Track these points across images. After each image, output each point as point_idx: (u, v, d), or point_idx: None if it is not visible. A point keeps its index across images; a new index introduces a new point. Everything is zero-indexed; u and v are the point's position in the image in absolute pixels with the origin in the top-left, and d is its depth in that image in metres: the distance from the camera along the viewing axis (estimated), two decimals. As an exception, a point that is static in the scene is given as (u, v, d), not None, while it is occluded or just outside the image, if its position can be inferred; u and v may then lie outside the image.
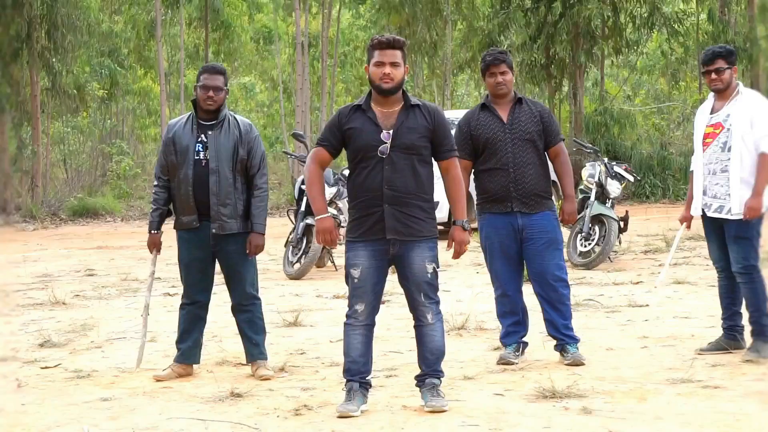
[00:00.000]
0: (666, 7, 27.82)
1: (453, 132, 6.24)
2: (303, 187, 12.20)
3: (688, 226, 7.32)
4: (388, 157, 5.52)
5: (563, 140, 6.98)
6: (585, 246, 12.07)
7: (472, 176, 6.96)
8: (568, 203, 6.88)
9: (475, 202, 7.04)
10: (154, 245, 6.86)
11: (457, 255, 5.75)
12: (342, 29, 35.07)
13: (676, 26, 26.59)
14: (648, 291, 9.92)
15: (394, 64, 5.58)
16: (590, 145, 13.34)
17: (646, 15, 25.96)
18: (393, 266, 5.70)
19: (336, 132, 5.67)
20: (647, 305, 9.08)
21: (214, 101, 6.57)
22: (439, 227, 5.87)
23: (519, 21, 24.14)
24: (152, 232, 6.82)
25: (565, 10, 23.12)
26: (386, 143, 5.53)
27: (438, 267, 5.68)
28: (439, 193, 5.73)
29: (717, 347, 6.86)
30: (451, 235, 5.71)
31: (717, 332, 7.07)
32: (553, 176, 6.99)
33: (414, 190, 5.56)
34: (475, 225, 7.17)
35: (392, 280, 5.91)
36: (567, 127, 26.70)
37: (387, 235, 5.53)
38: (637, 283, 10.60)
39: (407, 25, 29.33)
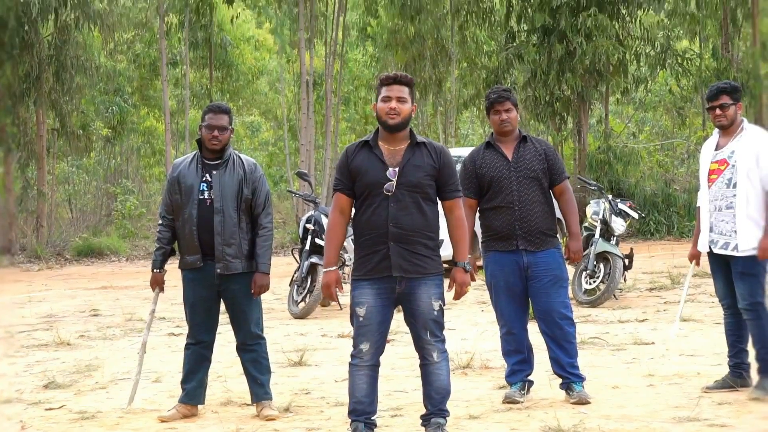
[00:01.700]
0: (673, 44, 28.07)
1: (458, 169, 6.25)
2: (308, 225, 12.21)
3: (698, 263, 7.32)
4: (394, 194, 5.54)
5: (568, 178, 6.99)
6: (590, 283, 12.05)
7: (477, 214, 6.97)
8: (573, 241, 6.90)
9: (480, 240, 7.04)
10: (157, 284, 6.88)
11: (458, 296, 5.77)
12: (350, 67, 35.26)
13: (685, 64, 26.77)
14: (653, 329, 9.88)
15: (400, 100, 5.61)
16: (594, 183, 13.35)
17: (653, 53, 26.12)
18: (399, 306, 5.70)
19: (345, 171, 5.69)
20: (653, 343, 9.06)
21: (218, 141, 6.59)
22: (444, 265, 5.86)
23: (530, 55, 24.19)
24: (155, 270, 6.84)
25: (577, 46, 23.20)
26: (392, 181, 5.54)
27: (444, 304, 5.68)
28: (444, 232, 5.74)
29: (723, 385, 6.83)
30: (452, 277, 5.72)
31: (723, 370, 7.05)
32: (558, 214, 7.00)
33: (419, 228, 5.57)
34: (480, 263, 7.16)
35: (397, 319, 5.90)
36: (571, 164, 26.73)
37: (393, 273, 5.54)
38: (643, 320, 10.57)
39: (413, 62, 29.50)
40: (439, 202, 5.73)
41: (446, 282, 5.73)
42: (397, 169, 5.57)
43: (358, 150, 5.71)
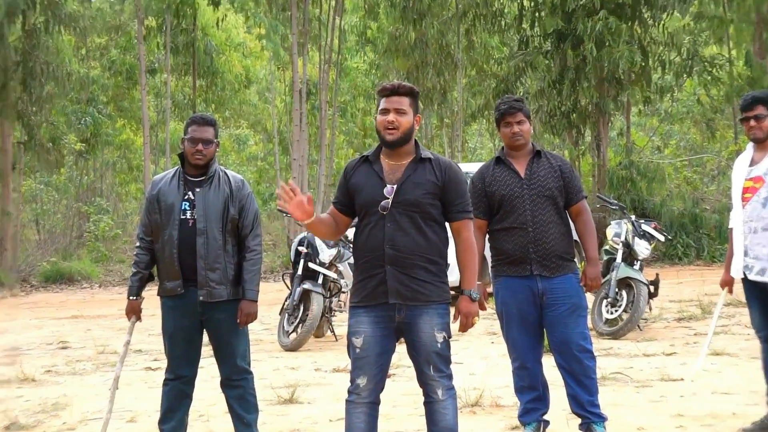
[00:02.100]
0: (701, 50, 28.12)
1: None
2: (300, 248, 12.19)
3: (730, 290, 7.27)
4: (390, 213, 5.51)
5: (585, 197, 6.97)
6: (611, 313, 12.03)
7: (487, 236, 6.94)
8: (591, 267, 6.85)
9: (490, 265, 7.01)
10: (133, 312, 6.83)
11: (464, 328, 5.69)
12: (350, 75, 35.37)
13: (714, 71, 26.80)
14: (683, 363, 9.86)
15: (399, 112, 5.59)
16: (615, 202, 13.36)
17: (679, 60, 26.15)
18: (402, 338, 5.66)
19: (344, 189, 5.70)
20: (682, 379, 9.02)
21: (203, 155, 6.57)
22: (452, 292, 5.82)
23: (540, 64, 24.25)
24: (131, 297, 6.80)
25: (592, 53, 23.22)
26: (388, 199, 5.52)
27: (449, 336, 5.64)
28: (452, 255, 5.71)
29: (762, 426, 6.79)
30: (457, 307, 5.67)
31: (761, 410, 7.02)
32: (575, 236, 6.98)
33: (418, 250, 5.52)
34: (490, 289, 7.14)
35: (399, 351, 5.87)
36: (590, 181, 26.78)
37: (390, 299, 5.50)
38: (671, 354, 10.54)
39: (416, 69, 29.58)
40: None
41: (453, 311, 5.70)
42: (394, 187, 5.56)
43: (358, 166, 5.71)
